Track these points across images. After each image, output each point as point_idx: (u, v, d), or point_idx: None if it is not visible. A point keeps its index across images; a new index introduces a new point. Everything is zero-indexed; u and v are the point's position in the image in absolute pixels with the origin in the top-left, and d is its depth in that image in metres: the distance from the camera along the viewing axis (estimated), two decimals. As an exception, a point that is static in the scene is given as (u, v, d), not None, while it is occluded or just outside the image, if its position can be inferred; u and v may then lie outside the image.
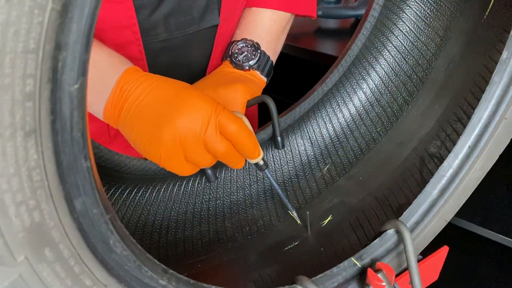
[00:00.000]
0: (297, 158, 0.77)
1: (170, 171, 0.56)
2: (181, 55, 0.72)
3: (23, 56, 0.24)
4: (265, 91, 0.75)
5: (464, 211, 0.67)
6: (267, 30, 0.75)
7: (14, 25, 0.23)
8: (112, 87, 0.54)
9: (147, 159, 0.63)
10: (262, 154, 0.61)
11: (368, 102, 0.79)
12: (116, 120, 0.55)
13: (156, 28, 0.67)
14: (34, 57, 0.25)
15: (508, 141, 0.62)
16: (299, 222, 0.68)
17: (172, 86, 0.55)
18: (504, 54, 0.57)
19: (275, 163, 0.76)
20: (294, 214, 0.68)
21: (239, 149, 0.57)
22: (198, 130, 0.53)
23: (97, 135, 0.72)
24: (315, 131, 0.78)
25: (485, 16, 0.65)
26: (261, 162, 0.62)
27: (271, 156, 0.76)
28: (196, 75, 0.73)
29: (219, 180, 0.71)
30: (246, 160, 0.61)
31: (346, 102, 0.79)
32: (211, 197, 0.71)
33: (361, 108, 0.79)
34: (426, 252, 0.63)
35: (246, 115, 0.65)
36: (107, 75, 0.55)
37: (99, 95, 0.55)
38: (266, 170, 0.64)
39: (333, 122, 0.79)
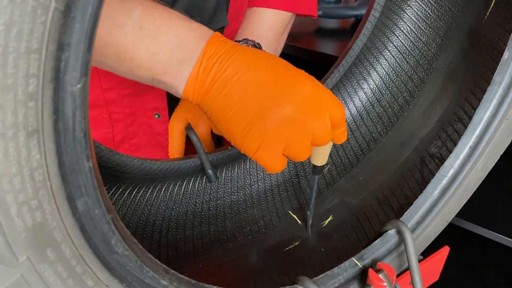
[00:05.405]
0: (297, 158, 0.77)
1: (260, 164, 0.50)
2: None
3: (26, 56, 0.24)
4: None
5: (465, 211, 0.67)
6: (268, 30, 0.75)
7: (17, 25, 0.23)
8: (198, 55, 0.47)
9: (147, 159, 0.63)
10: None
11: (369, 102, 0.79)
12: (203, 96, 0.48)
13: None
14: (37, 57, 0.25)
15: (509, 141, 0.62)
16: (309, 232, 0.67)
17: (279, 64, 0.49)
18: (506, 55, 0.57)
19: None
20: (309, 231, 0.68)
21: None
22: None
23: (101, 143, 0.72)
24: (316, 131, 0.78)
25: (486, 16, 0.65)
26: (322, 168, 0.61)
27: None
28: None
29: (219, 180, 0.71)
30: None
31: (347, 102, 0.79)
32: (211, 197, 0.71)
33: (362, 108, 0.79)
34: (427, 252, 0.63)
35: None
36: (188, 42, 0.47)
37: (179, 66, 0.47)
38: (316, 176, 0.63)
39: (334, 122, 0.79)
